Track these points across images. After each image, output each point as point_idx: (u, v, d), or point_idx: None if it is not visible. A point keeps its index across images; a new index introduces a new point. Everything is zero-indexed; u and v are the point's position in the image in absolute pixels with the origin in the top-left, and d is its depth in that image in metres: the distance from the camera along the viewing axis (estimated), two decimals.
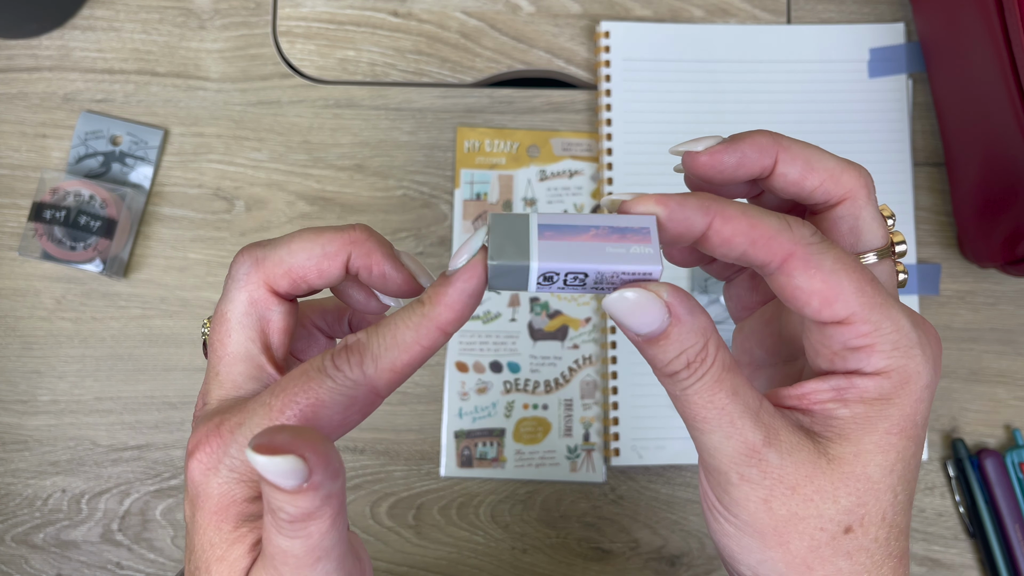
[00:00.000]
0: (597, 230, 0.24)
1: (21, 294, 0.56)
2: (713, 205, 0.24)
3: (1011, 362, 0.57)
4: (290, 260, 0.27)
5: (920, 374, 0.24)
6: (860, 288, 0.24)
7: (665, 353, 0.25)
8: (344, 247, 0.27)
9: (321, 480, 0.22)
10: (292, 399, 0.24)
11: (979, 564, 0.55)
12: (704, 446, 0.25)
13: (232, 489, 0.25)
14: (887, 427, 0.24)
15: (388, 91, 0.58)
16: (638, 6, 0.59)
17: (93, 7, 0.58)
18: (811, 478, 0.24)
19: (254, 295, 0.27)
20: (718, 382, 0.24)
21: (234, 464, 0.25)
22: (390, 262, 0.27)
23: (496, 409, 0.56)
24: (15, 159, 0.57)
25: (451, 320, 0.24)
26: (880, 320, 0.24)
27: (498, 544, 0.55)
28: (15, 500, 0.54)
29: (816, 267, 0.24)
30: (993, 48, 0.48)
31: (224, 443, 0.25)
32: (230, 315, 0.27)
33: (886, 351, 0.24)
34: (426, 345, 0.24)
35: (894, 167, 0.58)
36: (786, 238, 0.24)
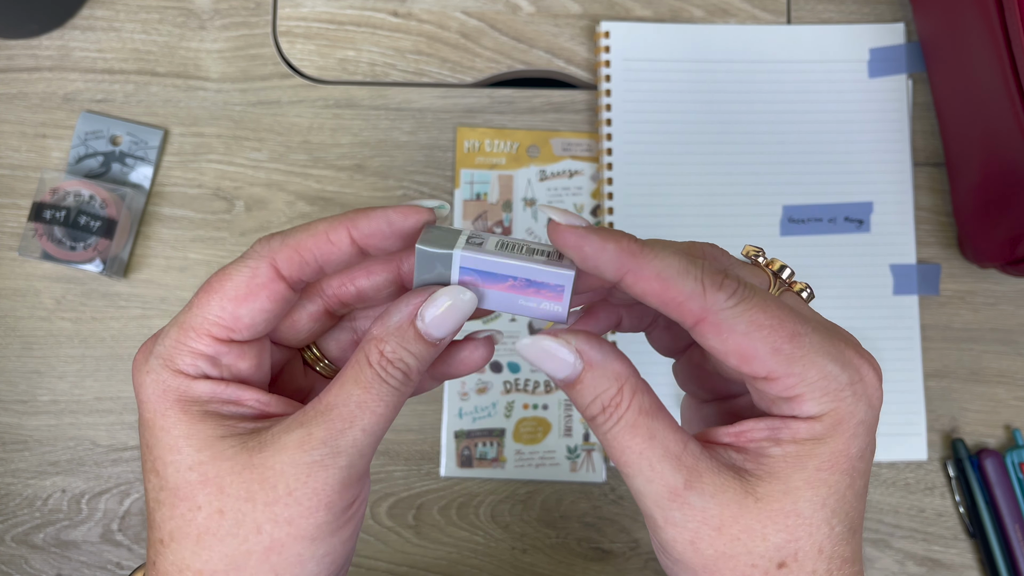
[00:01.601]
0: (515, 281, 0.26)
1: (21, 294, 0.56)
2: (627, 260, 0.24)
3: (1011, 362, 0.57)
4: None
5: (852, 413, 0.25)
6: (775, 348, 0.24)
7: (581, 397, 0.25)
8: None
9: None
10: (207, 284, 0.27)
11: (979, 564, 0.55)
12: (633, 490, 0.26)
13: (160, 375, 0.26)
14: (817, 464, 0.25)
15: (388, 91, 0.58)
16: (638, 6, 0.59)
17: (93, 7, 0.58)
18: (737, 518, 0.24)
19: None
20: (633, 427, 0.25)
21: (159, 351, 0.26)
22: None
23: (496, 409, 0.56)
24: (15, 159, 0.57)
25: (362, 228, 0.26)
26: (804, 371, 0.24)
27: (498, 544, 0.55)
28: (15, 500, 0.54)
29: (728, 331, 0.24)
30: (993, 48, 0.48)
31: (154, 340, 0.27)
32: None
33: (816, 398, 0.25)
34: (333, 239, 0.26)
35: (894, 167, 0.58)
36: (697, 303, 0.24)
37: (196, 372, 0.26)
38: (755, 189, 0.57)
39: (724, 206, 0.57)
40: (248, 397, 0.27)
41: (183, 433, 0.25)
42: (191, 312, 0.26)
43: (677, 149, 0.58)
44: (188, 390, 0.26)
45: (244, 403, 0.27)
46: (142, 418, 0.26)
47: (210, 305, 0.26)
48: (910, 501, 0.55)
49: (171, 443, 0.25)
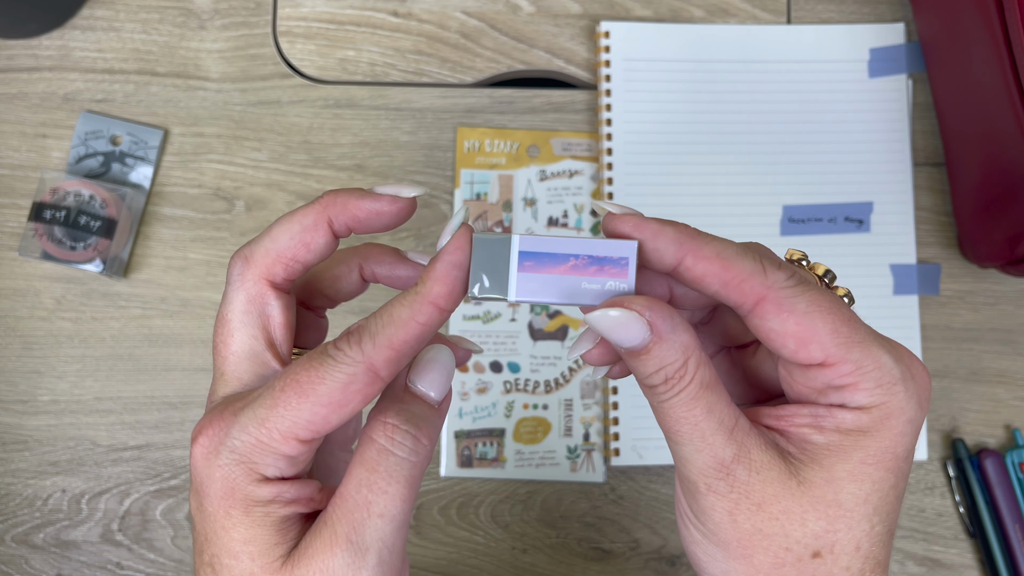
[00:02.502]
0: (577, 260, 0.25)
1: (21, 294, 0.56)
2: (687, 241, 0.25)
3: (1011, 362, 0.57)
4: (275, 246, 0.27)
5: (903, 410, 0.25)
6: (835, 329, 0.24)
7: (646, 367, 0.25)
8: (319, 214, 0.27)
9: None
10: (293, 379, 0.25)
11: (979, 564, 0.55)
12: (678, 456, 0.25)
13: (233, 472, 0.25)
14: (862, 457, 0.24)
15: (388, 91, 0.58)
16: (638, 6, 0.59)
17: (93, 7, 0.58)
18: (778, 498, 0.24)
19: (251, 292, 0.27)
20: (694, 399, 0.25)
21: (235, 445, 0.25)
22: (367, 199, 0.27)
23: (496, 409, 0.56)
24: (15, 159, 0.57)
25: (442, 293, 0.25)
26: (861, 359, 0.24)
27: (498, 544, 0.55)
28: (15, 500, 0.54)
29: (788, 311, 0.24)
30: (993, 48, 0.48)
31: (226, 425, 0.25)
32: (230, 316, 0.27)
33: (869, 388, 0.24)
34: (421, 321, 0.25)
35: (894, 167, 0.58)
36: (758, 282, 0.24)
37: (274, 474, 0.25)
38: (755, 189, 0.57)
39: (724, 206, 0.57)
40: (304, 495, 0.26)
41: (243, 537, 0.25)
42: (277, 411, 0.24)
43: (677, 149, 0.58)
44: (255, 492, 0.25)
45: (301, 502, 0.26)
46: (202, 506, 0.26)
47: (301, 409, 0.24)
48: (910, 501, 0.55)
49: (231, 546, 0.25)
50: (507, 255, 0.25)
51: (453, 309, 0.25)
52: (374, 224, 0.27)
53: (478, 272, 0.25)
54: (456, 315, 0.56)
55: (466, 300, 0.26)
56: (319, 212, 0.27)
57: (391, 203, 0.27)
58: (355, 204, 0.27)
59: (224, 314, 0.27)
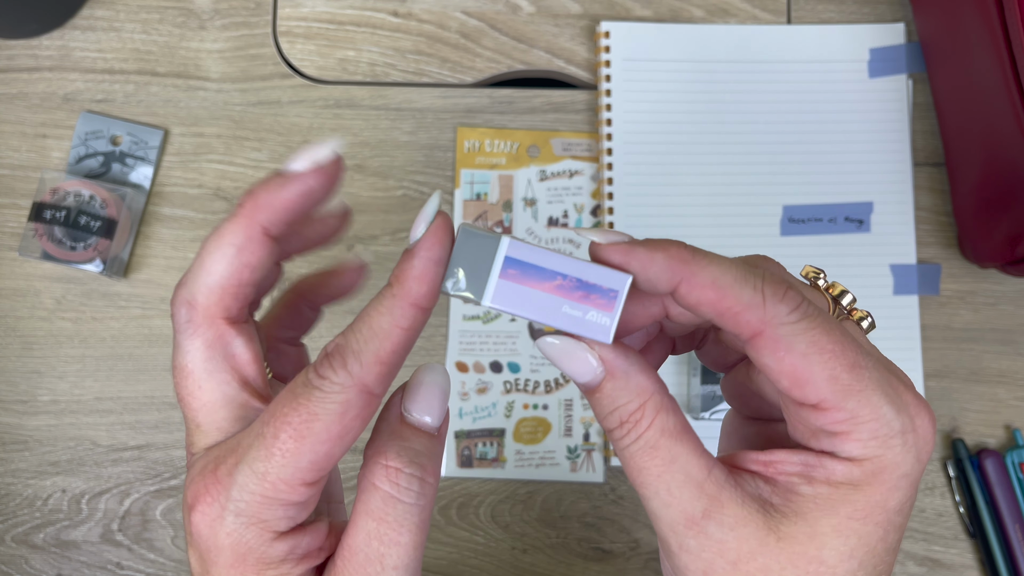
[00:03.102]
0: (564, 281, 0.23)
1: (21, 294, 0.56)
2: (680, 268, 0.23)
3: (1011, 362, 0.57)
4: (214, 279, 0.25)
5: (898, 464, 0.23)
6: (833, 376, 0.22)
7: (600, 406, 0.24)
8: (248, 226, 0.25)
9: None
10: (284, 421, 0.23)
11: (979, 564, 0.55)
12: (647, 509, 0.24)
13: (244, 535, 0.23)
14: (849, 512, 0.23)
15: (388, 91, 0.58)
16: (638, 6, 0.59)
17: (93, 7, 0.58)
18: (755, 554, 0.23)
19: (207, 337, 0.25)
20: (654, 448, 0.23)
21: (240, 508, 0.23)
22: (288, 184, 0.25)
23: (496, 409, 0.56)
24: (15, 159, 0.57)
25: (423, 293, 0.23)
26: (857, 408, 0.23)
27: (498, 544, 0.55)
28: (15, 500, 0.54)
29: (785, 350, 0.22)
30: (993, 48, 0.48)
31: (224, 488, 0.23)
32: (191, 366, 0.25)
33: (862, 440, 0.23)
34: (405, 326, 0.23)
35: (894, 167, 0.58)
36: (756, 315, 0.22)
37: (286, 526, 0.24)
38: (755, 189, 0.57)
39: (724, 206, 0.57)
40: (315, 546, 0.25)
41: None
42: (275, 461, 0.23)
43: (677, 149, 0.58)
44: (268, 552, 0.23)
45: (312, 554, 0.25)
46: (208, 573, 0.24)
47: (301, 454, 0.22)
48: None
49: None
50: (491, 257, 0.23)
51: (434, 304, 0.23)
52: (311, 206, 0.25)
53: (456, 266, 0.23)
54: (456, 315, 0.56)
55: None
56: (247, 224, 0.25)
57: (316, 177, 0.24)
58: (279, 198, 0.24)
59: (183, 364, 0.25)
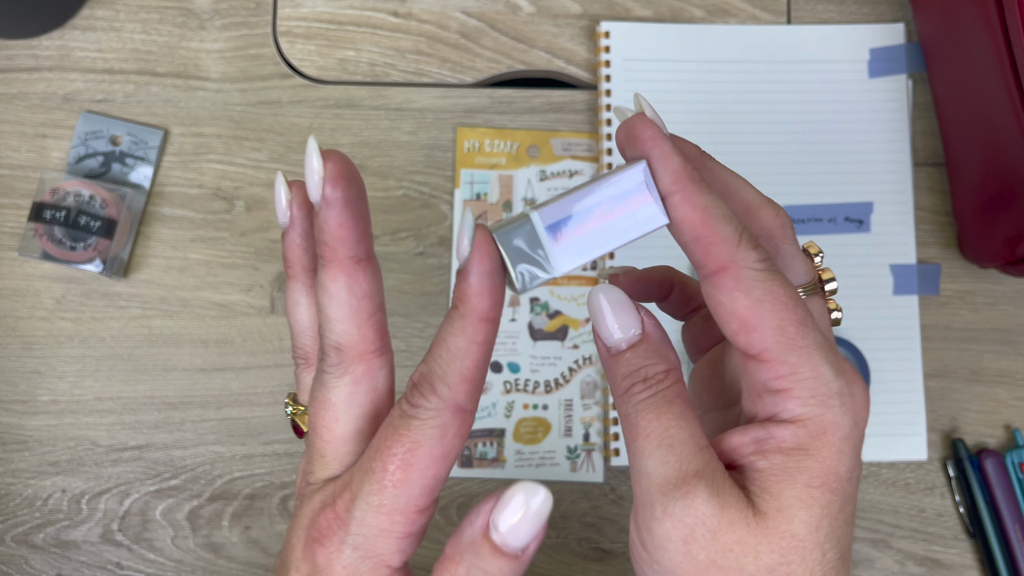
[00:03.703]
0: (600, 208, 0.24)
1: (21, 294, 0.56)
2: (685, 182, 0.24)
3: (1011, 362, 0.57)
4: (343, 326, 0.25)
5: (838, 425, 0.24)
6: (781, 326, 0.23)
7: (627, 364, 0.25)
8: (345, 266, 0.25)
9: None
10: (389, 454, 0.24)
11: (979, 564, 0.55)
12: (640, 471, 0.24)
13: (359, 568, 0.24)
14: (807, 479, 0.24)
15: (388, 91, 0.58)
16: (638, 6, 0.59)
17: (93, 7, 0.58)
18: (734, 526, 0.23)
19: (356, 374, 0.26)
20: (669, 402, 0.24)
21: (358, 542, 0.24)
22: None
23: (496, 409, 0.56)
24: (15, 159, 0.57)
25: (487, 306, 0.24)
26: (798, 363, 0.24)
27: None
28: (15, 500, 0.54)
29: (743, 291, 0.23)
30: (993, 48, 0.48)
31: (344, 523, 0.24)
32: (334, 399, 0.26)
33: (802, 397, 0.24)
34: (480, 341, 0.24)
35: (894, 167, 0.58)
36: (727, 251, 0.23)
37: (399, 562, 0.25)
38: None
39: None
40: None
41: None
42: (388, 493, 0.24)
43: None
44: None
45: None
46: None
47: (411, 482, 0.24)
48: (910, 501, 0.56)
49: None
50: (535, 236, 0.24)
51: (501, 313, 0.25)
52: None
53: (516, 264, 0.24)
54: None
55: (515, 295, 0.25)
56: (338, 266, 0.25)
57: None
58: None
59: (326, 398, 0.26)
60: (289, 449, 0.55)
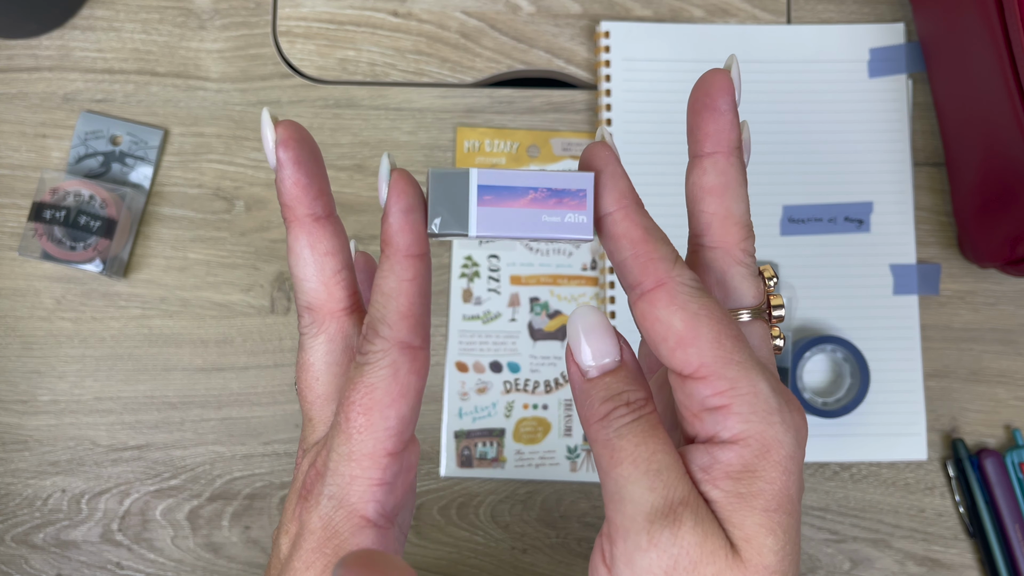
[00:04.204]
0: (536, 193, 0.25)
1: (21, 294, 0.56)
2: (627, 204, 0.25)
3: (1011, 362, 0.57)
4: (310, 284, 0.26)
5: (781, 443, 0.23)
6: (718, 340, 0.23)
7: (609, 389, 0.24)
8: (304, 227, 0.26)
9: None
10: (349, 403, 0.24)
11: (979, 564, 0.55)
12: (623, 497, 0.23)
13: (334, 517, 0.25)
14: (764, 504, 0.23)
15: (388, 91, 0.58)
16: (638, 6, 0.59)
17: (93, 7, 0.58)
18: (714, 557, 0.23)
19: (329, 332, 0.26)
20: (655, 428, 0.24)
21: (332, 491, 0.25)
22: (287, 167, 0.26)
23: (496, 409, 0.56)
24: (15, 159, 0.57)
25: (410, 242, 0.24)
26: (736, 378, 0.23)
27: (498, 544, 0.55)
28: (15, 500, 0.54)
29: (680, 305, 0.23)
30: (993, 48, 0.48)
31: (322, 476, 0.25)
32: (312, 359, 0.27)
33: (743, 413, 0.23)
34: (409, 277, 0.24)
35: (894, 167, 0.58)
36: (664, 267, 0.24)
37: (374, 511, 0.25)
38: (755, 189, 0.57)
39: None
40: (395, 569, 0.24)
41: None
42: (354, 440, 0.24)
43: (677, 149, 0.57)
44: (349, 541, 0.25)
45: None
46: (290, 555, 0.25)
47: (374, 425, 0.24)
48: (910, 501, 0.56)
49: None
50: (466, 189, 0.24)
51: (428, 250, 0.25)
52: (319, 171, 0.26)
53: (436, 208, 0.24)
54: (456, 315, 0.56)
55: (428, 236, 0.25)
56: (297, 226, 0.26)
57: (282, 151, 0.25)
58: (301, 179, 0.26)
59: (305, 360, 0.27)
60: (289, 449, 0.55)
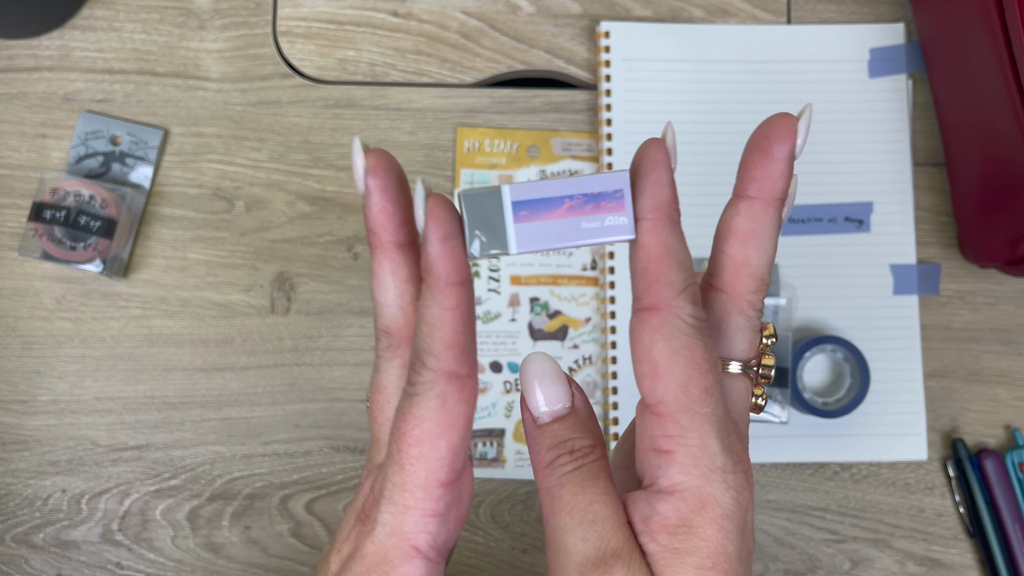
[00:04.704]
0: (572, 201, 0.24)
1: (21, 294, 0.56)
2: (662, 215, 0.24)
3: (1011, 362, 0.57)
4: (390, 309, 0.26)
5: (718, 501, 0.23)
6: (686, 384, 0.23)
7: (555, 436, 0.25)
8: (386, 256, 0.26)
9: None
10: (400, 434, 0.24)
11: (979, 564, 0.55)
12: (558, 546, 0.24)
13: (385, 545, 0.25)
14: (697, 562, 0.23)
15: (388, 91, 0.58)
16: (638, 6, 0.59)
17: (93, 7, 0.58)
18: None
19: (405, 357, 0.26)
20: (595, 477, 0.24)
21: (386, 519, 0.25)
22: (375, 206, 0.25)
23: (496, 409, 0.56)
24: (15, 159, 0.57)
25: (451, 270, 0.24)
26: (688, 427, 0.23)
27: (498, 544, 0.55)
28: (15, 500, 0.54)
29: (664, 337, 0.23)
30: (993, 48, 0.48)
31: (378, 504, 0.25)
32: (385, 382, 0.27)
33: (683, 464, 0.23)
34: (452, 306, 0.24)
35: (894, 167, 0.58)
36: (667, 293, 0.24)
37: (426, 542, 0.25)
38: None
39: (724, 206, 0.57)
40: None
41: None
42: (406, 472, 0.24)
43: (677, 149, 0.57)
44: (398, 570, 0.24)
45: None
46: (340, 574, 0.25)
47: (425, 457, 0.24)
48: (910, 501, 0.56)
49: None
50: (501, 208, 0.24)
51: (470, 275, 0.25)
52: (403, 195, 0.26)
53: (473, 230, 0.24)
54: None
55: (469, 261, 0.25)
56: (382, 254, 0.26)
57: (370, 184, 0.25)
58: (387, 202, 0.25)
59: (378, 382, 0.27)
60: (289, 449, 0.55)
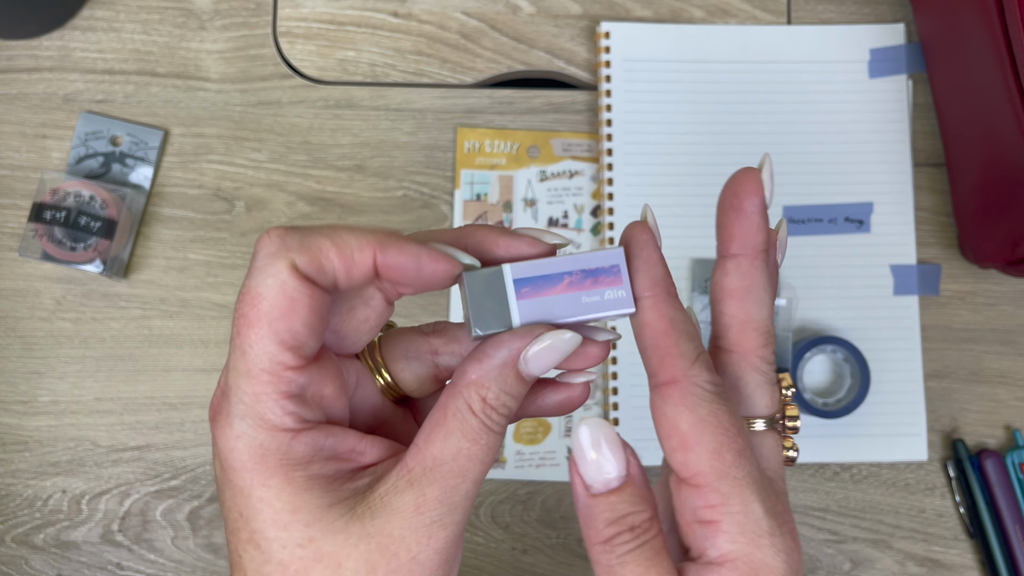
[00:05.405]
0: (571, 277, 0.25)
1: (21, 294, 0.56)
2: (660, 291, 0.24)
3: (1011, 362, 0.57)
4: None
5: (770, 567, 0.23)
6: (719, 452, 0.23)
7: (614, 510, 0.24)
8: None
9: None
10: (237, 315, 0.24)
11: (979, 565, 0.55)
12: None
13: (255, 436, 0.23)
14: None
15: (388, 91, 0.58)
16: (638, 7, 0.59)
17: (93, 7, 0.58)
18: None
19: None
20: (657, 554, 0.23)
21: (240, 410, 0.24)
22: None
23: None
24: (15, 159, 0.57)
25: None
26: (730, 494, 0.23)
27: (498, 545, 0.55)
28: (15, 501, 0.54)
29: (688, 407, 0.23)
30: (993, 48, 0.48)
31: (227, 397, 0.24)
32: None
33: (731, 533, 0.23)
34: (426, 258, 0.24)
35: (894, 167, 0.58)
36: (681, 364, 0.23)
37: (294, 422, 0.24)
38: None
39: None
40: (345, 447, 0.25)
41: (288, 507, 0.23)
42: (248, 355, 0.23)
43: (677, 149, 0.58)
44: (289, 452, 0.23)
45: (344, 456, 0.25)
46: (232, 484, 0.24)
47: (263, 337, 0.23)
48: (910, 501, 0.56)
49: (275, 517, 0.23)
50: (502, 286, 0.25)
51: (383, 280, 0.25)
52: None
53: (477, 310, 0.25)
54: (456, 316, 0.56)
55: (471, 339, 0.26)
56: None
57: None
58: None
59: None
60: None
